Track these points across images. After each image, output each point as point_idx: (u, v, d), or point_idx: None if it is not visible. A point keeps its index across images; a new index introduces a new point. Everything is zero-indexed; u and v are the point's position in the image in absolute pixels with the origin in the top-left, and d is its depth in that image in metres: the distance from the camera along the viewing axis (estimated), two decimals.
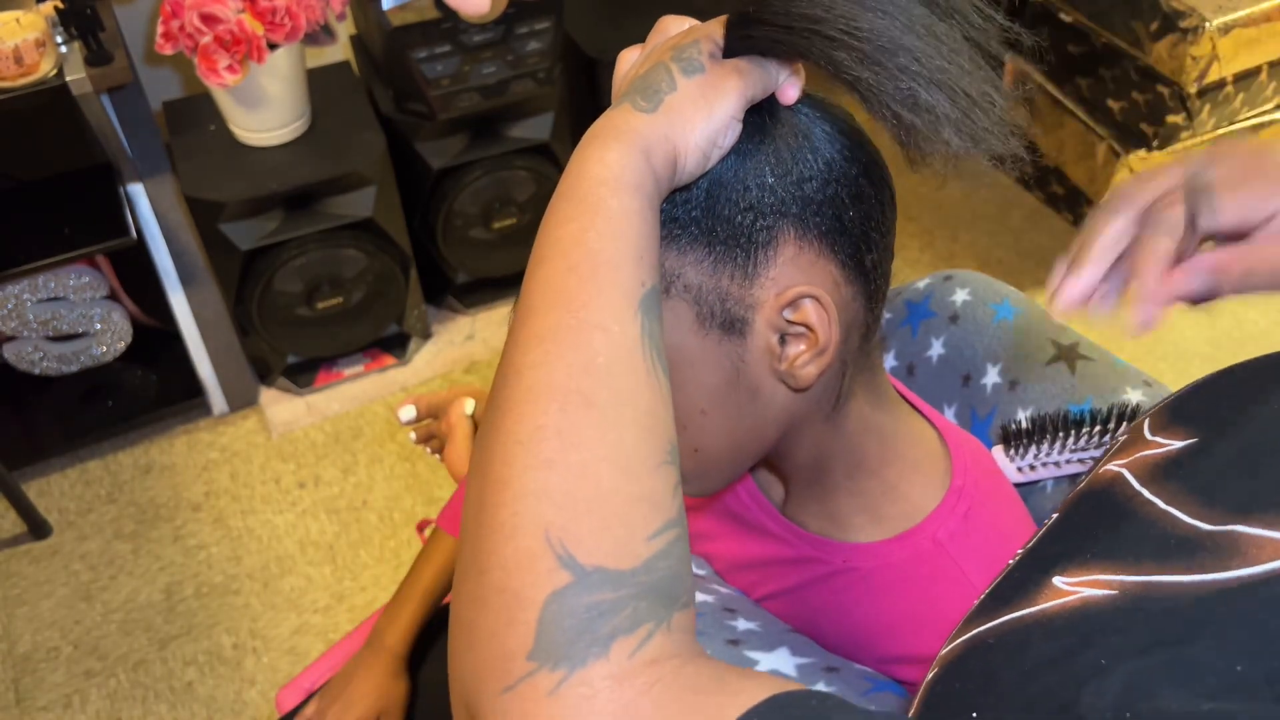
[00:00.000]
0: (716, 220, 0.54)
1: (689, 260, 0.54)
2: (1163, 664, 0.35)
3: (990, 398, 0.76)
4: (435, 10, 1.65)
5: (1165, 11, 1.86)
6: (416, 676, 1.01)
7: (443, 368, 2.04)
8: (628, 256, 0.47)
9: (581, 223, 0.47)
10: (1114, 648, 0.36)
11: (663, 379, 0.46)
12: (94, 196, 1.61)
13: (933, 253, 2.21)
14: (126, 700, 1.59)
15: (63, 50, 1.44)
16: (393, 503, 1.84)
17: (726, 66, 0.51)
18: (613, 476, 0.42)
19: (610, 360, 0.44)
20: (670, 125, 0.49)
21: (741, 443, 0.60)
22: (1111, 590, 0.40)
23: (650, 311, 0.47)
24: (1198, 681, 0.33)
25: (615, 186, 0.47)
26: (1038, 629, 0.40)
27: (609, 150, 0.48)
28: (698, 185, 0.53)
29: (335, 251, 1.75)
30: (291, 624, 1.68)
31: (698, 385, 0.57)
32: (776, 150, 0.53)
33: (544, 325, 0.45)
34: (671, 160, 0.50)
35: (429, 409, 1.10)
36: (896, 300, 0.84)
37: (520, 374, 0.45)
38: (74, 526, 1.81)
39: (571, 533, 0.41)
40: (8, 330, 1.79)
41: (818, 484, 0.65)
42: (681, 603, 0.43)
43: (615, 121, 0.49)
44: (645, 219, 0.48)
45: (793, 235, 0.54)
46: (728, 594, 0.68)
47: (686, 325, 0.56)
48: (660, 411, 0.46)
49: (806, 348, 0.55)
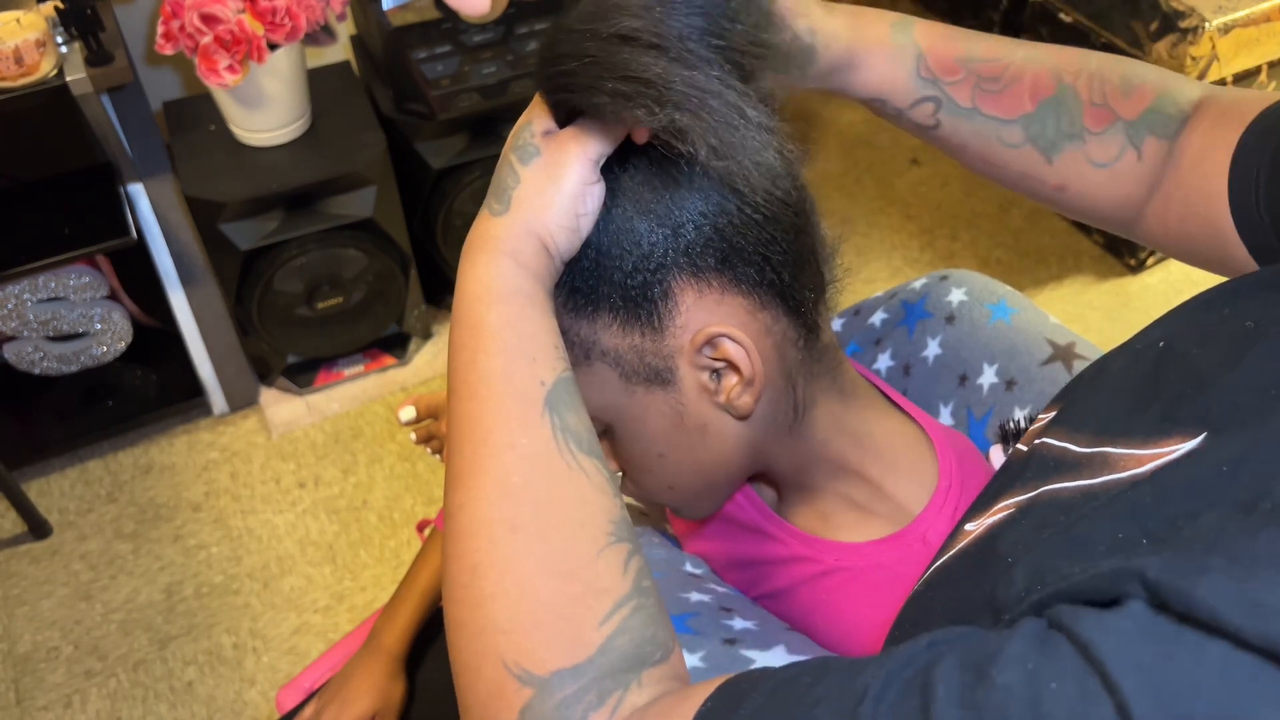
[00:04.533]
0: (611, 287, 0.54)
1: (599, 326, 0.55)
2: (1057, 544, 0.38)
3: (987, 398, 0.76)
4: (435, 10, 1.65)
5: (1165, 11, 1.86)
6: (414, 678, 1.01)
7: (443, 368, 2.04)
8: (519, 365, 0.48)
9: (471, 346, 0.49)
10: (1014, 545, 0.40)
11: (588, 461, 0.48)
12: (94, 196, 1.61)
13: (933, 252, 2.21)
14: (127, 700, 1.60)
15: (63, 50, 1.44)
16: (393, 503, 1.84)
17: (563, 137, 0.51)
18: (550, 586, 0.45)
19: (526, 476, 0.47)
20: (526, 219, 0.50)
21: (708, 473, 0.61)
22: (1010, 511, 0.44)
23: (559, 405, 0.48)
24: (1089, 550, 0.36)
25: (490, 300, 0.49)
26: (956, 562, 0.45)
27: (477, 264, 0.50)
28: (586, 255, 0.54)
29: (335, 251, 1.75)
30: (291, 624, 1.68)
31: (647, 434, 0.58)
32: (643, 207, 0.53)
33: (462, 461, 0.48)
34: (541, 250, 0.51)
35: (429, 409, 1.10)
36: (893, 300, 0.83)
37: (452, 516, 0.48)
38: (74, 526, 1.82)
39: (524, 651, 0.44)
40: (8, 330, 1.80)
41: (804, 488, 0.66)
42: (654, 660, 0.45)
43: (479, 231, 0.51)
44: (529, 318, 0.49)
45: (688, 281, 0.54)
46: (724, 593, 0.68)
47: (615, 386, 0.57)
48: (590, 496, 0.47)
49: (737, 380, 0.56)
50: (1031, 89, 0.61)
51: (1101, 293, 2.13)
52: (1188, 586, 0.30)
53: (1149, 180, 0.61)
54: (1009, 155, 0.62)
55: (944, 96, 0.61)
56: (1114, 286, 2.15)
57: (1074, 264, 2.19)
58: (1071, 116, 0.61)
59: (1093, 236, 2.25)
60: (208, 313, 1.82)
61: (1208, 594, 0.29)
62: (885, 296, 0.85)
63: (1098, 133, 0.60)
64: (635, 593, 0.46)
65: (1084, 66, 0.61)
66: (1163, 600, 0.30)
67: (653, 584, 0.48)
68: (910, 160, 2.46)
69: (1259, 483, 0.33)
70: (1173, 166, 0.59)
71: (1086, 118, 0.60)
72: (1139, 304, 2.11)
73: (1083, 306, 2.09)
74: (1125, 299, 2.12)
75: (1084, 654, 0.31)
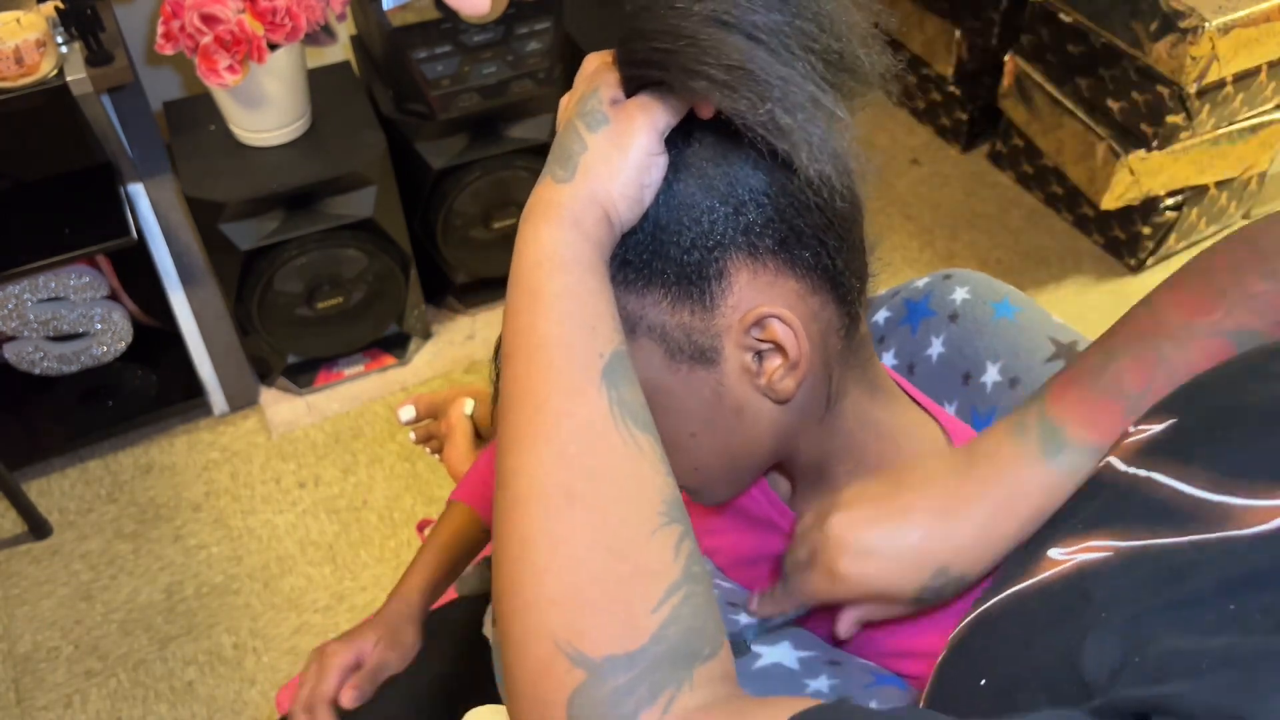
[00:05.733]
0: (666, 262, 0.54)
1: (648, 302, 0.55)
2: (1160, 608, 0.35)
3: (990, 396, 0.76)
4: (435, 10, 1.65)
5: (1165, 11, 1.86)
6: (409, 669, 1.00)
7: (443, 368, 2.04)
8: (578, 334, 0.48)
9: (530, 312, 0.49)
10: (1111, 599, 0.37)
11: (643, 437, 0.47)
12: (94, 196, 1.61)
13: (932, 252, 2.21)
14: (127, 700, 1.59)
15: (63, 50, 1.44)
16: (393, 503, 1.84)
17: (630, 107, 0.51)
18: (604, 562, 0.44)
19: (582, 446, 0.46)
20: (591, 187, 0.50)
21: (737, 457, 0.61)
22: (1107, 553, 0.41)
23: (615, 378, 0.47)
24: (1196, 620, 0.34)
25: (550, 267, 0.49)
26: (1037, 596, 0.42)
27: (539, 230, 0.49)
28: (643, 228, 0.53)
29: (335, 251, 1.75)
30: (292, 624, 1.68)
31: (683, 412, 0.58)
32: (706, 183, 0.53)
33: (517, 426, 0.47)
34: (604, 219, 0.50)
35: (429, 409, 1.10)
36: (896, 299, 0.84)
37: (505, 483, 0.47)
38: (74, 526, 1.82)
39: (577, 630, 0.43)
40: (8, 330, 1.80)
41: (822, 481, 0.66)
42: (704, 655, 0.44)
43: (542, 197, 0.50)
44: (589, 288, 0.49)
45: (744, 261, 0.54)
46: (730, 588, 0.68)
47: (658, 363, 0.56)
48: (646, 473, 0.47)
49: (781, 362, 0.56)
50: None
51: (1101, 293, 2.14)
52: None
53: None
54: None
55: None
56: (1114, 286, 2.15)
57: (1074, 264, 2.19)
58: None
59: (1093, 236, 2.25)
60: (208, 313, 1.82)
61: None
62: (888, 295, 0.85)
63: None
64: (686, 579, 0.45)
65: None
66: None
67: (703, 570, 0.47)
68: (910, 160, 2.46)
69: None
70: None
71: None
72: None
73: (1083, 306, 2.09)
74: (1125, 299, 2.12)
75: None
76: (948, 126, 2.51)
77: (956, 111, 2.47)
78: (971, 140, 2.48)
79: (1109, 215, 2.19)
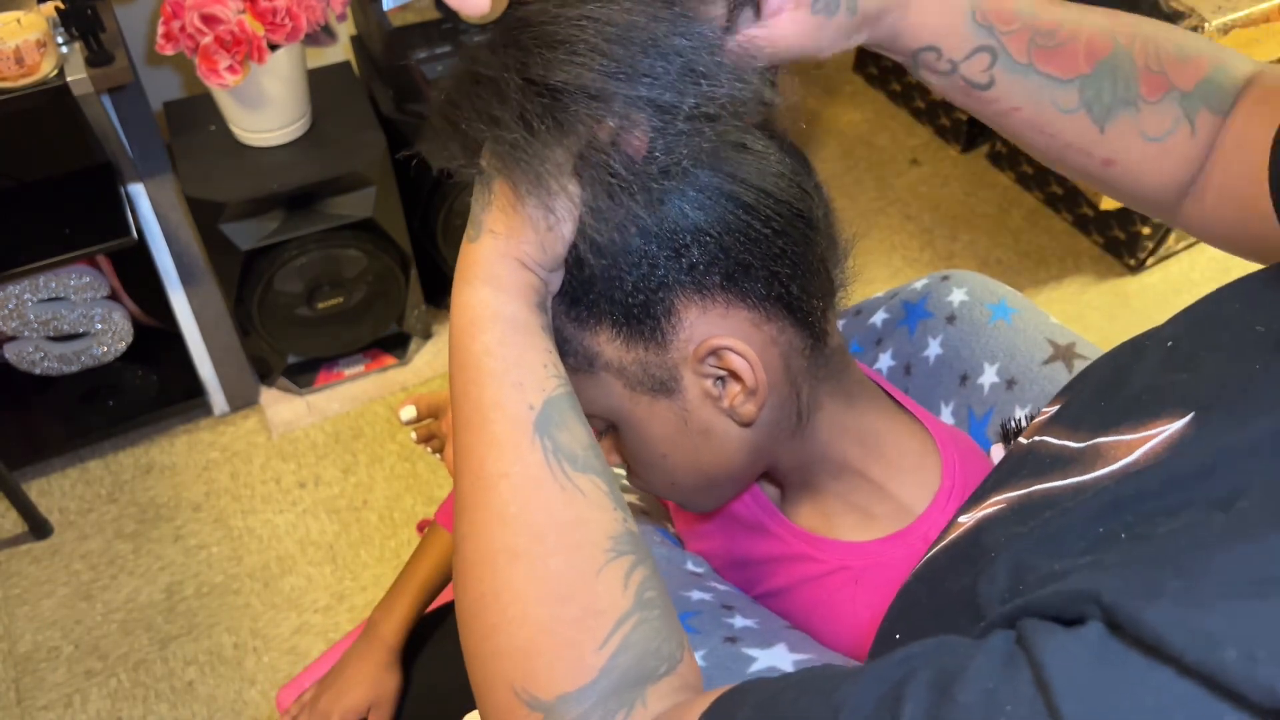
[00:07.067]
0: (613, 305, 0.54)
1: (602, 339, 0.55)
2: (1039, 539, 0.38)
3: (988, 397, 0.76)
4: (435, 10, 1.65)
5: (1165, 12, 1.86)
6: (410, 670, 1.01)
7: (443, 368, 2.04)
8: (506, 392, 0.49)
9: (461, 377, 0.50)
10: (1000, 543, 0.40)
11: (583, 479, 0.49)
12: (94, 196, 1.62)
13: (932, 252, 2.21)
14: (127, 700, 1.60)
15: (64, 51, 1.44)
16: (393, 503, 1.84)
17: None
18: (551, 610, 0.46)
19: (521, 505, 0.48)
20: (497, 241, 0.50)
21: (711, 475, 0.61)
22: (1000, 505, 0.44)
23: (548, 427, 0.48)
24: (1069, 547, 0.36)
25: (473, 330, 0.49)
26: (944, 555, 0.45)
27: (460, 293, 0.50)
28: (586, 269, 0.52)
29: (335, 251, 1.76)
30: (292, 624, 1.68)
31: (651, 437, 0.59)
32: (641, 227, 0.52)
33: (462, 493, 0.50)
34: (519, 268, 0.50)
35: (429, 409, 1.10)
36: (894, 300, 0.84)
37: (458, 547, 0.50)
38: (75, 526, 1.82)
39: (530, 677, 0.46)
40: (8, 330, 1.80)
41: (807, 487, 0.66)
42: (659, 674, 0.47)
43: (461, 261, 0.51)
44: (512, 343, 0.49)
45: (691, 298, 0.54)
46: (725, 591, 0.68)
47: (619, 393, 0.57)
48: (589, 515, 0.48)
49: (740, 388, 0.56)
50: (1087, 48, 0.56)
51: (1101, 293, 2.14)
52: (1139, 611, 0.29)
53: (1198, 159, 0.58)
54: (1061, 123, 0.58)
55: (999, 47, 0.56)
56: (1113, 286, 2.15)
57: (1074, 264, 2.19)
58: (1127, 81, 0.56)
59: (1092, 236, 2.25)
60: (208, 313, 1.82)
61: (1156, 620, 0.29)
62: (886, 297, 0.85)
63: (1153, 101, 0.57)
64: (637, 607, 0.47)
65: (1138, 31, 0.57)
66: (1117, 622, 0.30)
67: (659, 593, 0.49)
68: (910, 160, 2.46)
69: (1239, 477, 0.33)
70: (1216, 145, 0.57)
71: (1142, 84, 0.56)
72: (1138, 304, 2.11)
73: (1082, 306, 2.09)
74: (1125, 299, 2.12)
75: (1037, 676, 0.31)
76: (947, 126, 2.51)
77: (956, 111, 2.47)
78: (971, 140, 2.48)
79: (1108, 215, 2.19)
